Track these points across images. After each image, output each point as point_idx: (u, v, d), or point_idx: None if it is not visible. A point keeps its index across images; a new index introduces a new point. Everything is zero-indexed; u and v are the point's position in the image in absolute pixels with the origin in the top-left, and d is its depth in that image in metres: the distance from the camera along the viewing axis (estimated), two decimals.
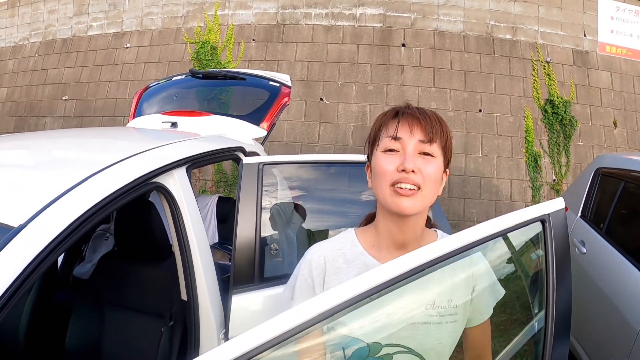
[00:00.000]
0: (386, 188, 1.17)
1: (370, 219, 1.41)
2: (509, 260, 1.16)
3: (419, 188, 1.15)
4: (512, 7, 8.73)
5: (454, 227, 7.19)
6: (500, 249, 1.10)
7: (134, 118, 4.15)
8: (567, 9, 8.99)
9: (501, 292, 1.17)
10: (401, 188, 1.14)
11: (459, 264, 0.98)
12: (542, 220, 1.05)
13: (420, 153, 1.18)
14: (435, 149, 1.19)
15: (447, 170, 1.28)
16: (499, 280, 1.17)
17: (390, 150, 1.19)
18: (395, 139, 1.18)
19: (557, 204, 1.09)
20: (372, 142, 1.27)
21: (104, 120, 8.94)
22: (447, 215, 7.34)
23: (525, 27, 8.72)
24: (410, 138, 1.17)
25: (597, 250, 3.46)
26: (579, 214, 3.99)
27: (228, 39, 8.46)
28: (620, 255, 3.08)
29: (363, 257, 1.28)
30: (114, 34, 9.52)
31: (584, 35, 9.01)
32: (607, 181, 3.89)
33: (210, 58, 8.38)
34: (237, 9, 8.66)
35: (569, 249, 1.10)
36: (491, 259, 1.13)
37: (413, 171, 1.14)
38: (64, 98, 9.50)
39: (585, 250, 3.55)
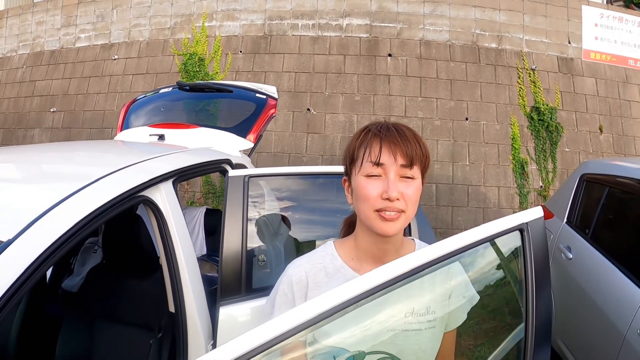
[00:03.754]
0: (370, 212, 1.18)
1: (348, 225, 1.43)
2: (488, 269, 1.16)
3: (403, 212, 1.17)
4: (497, 15, 8.82)
5: (442, 235, 7.22)
6: (479, 258, 1.10)
7: (121, 130, 4.14)
8: (551, 17, 9.09)
9: (476, 297, 1.18)
10: (385, 215, 1.16)
11: (437, 273, 0.99)
12: (521, 229, 1.06)
13: (401, 177, 1.19)
14: (415, 171, 1.21)
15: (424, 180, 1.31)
16: (478, 289, 1.18)
17: (373, 175, 1.19)
18: (378, 164, 1.18)
19: (535, 212, 1.09)
20: (352, 160, 1.27)
21: (92, 132, 8.91)
22: (435, 223, 7.37)
23: (511, 35, 8.80)
24: (393, 164, 1.18)
25: (583, 255, 3.48)
26: (565, 220, 4.02)
27: (215, 51, 8.48)
28: (606, 260, 3.10)
29: (344, 270, 1.29)
30: (101, 46, 9.51)
31: (569, 43, 9.11)
32: (592, 187, 3.92)
33: (197, 69, 8.38)
34: (224, 20, 8.68)
35: (549, 258, 1.11)
36: (470, 267, 1.13)
37: (397, 199, 1.16)
38: (52, 110, 9.47)
39: (571, 256, 3.57)
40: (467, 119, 8.03)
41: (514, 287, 1.15)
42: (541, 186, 8.27)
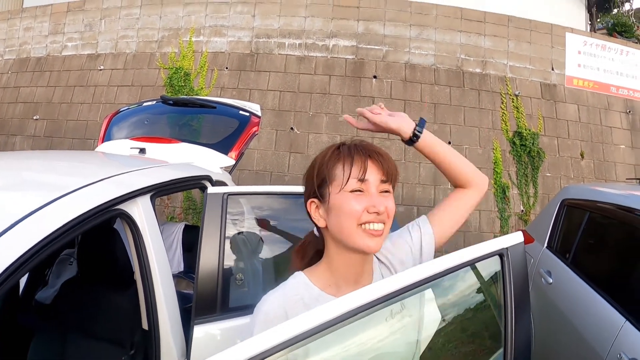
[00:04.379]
0: (354, 228, 1.18)
1: (303, 253, 1.41)
2: (468, 293, 1.15)
3: (384, 224, 1.20)
4: (482, 41, 8.93)
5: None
6: (459, 282, 1.10)
7: (103, 142, 4.09)
8: (536, 44, 9.21)
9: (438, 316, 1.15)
10: (370, 229, 1.17)
11: (413, 298, 0.99)
12: (501, 254, 1.06)
13: (381, 191, 1.22)
14: (391, 186, 1.25)
15: None
16: (457, 312, 1.17)
17: (358, 190, 1.20)
18: (363, 180, 1.19)
19: (515, 237, 1.09)
20: (326, 180, 1.25)
21: (74, 142, 8.83)
22: None
23: (495, 61, 8.90)
24: (375, 179, 1.21)
25: (563, 280, 3.49)
26: (545, 245, 4.02)
27: (202, 66, 8.46)
28: (586, 285, 3.12)
29: (322, 298, 1.26)
30: (88, 55, 9.46)
31: (552, 69, 9.23)
32: (572, 212, 3.94)
33: (183, 84, 8.36)
34: (211, 36, 8.69)
35: (528, 283, 1.13)
36: (449, 291, 1.12)
37: (383, 212, 1.18)
38: (35, 117, 9.36)
39: (551, 281, 3.59)
40: (450, 142, 8.03)
41: (494, 311, 1.15)
42: (522, 210, 8.32)
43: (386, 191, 1.23)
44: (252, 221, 2.60)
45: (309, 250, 1.39)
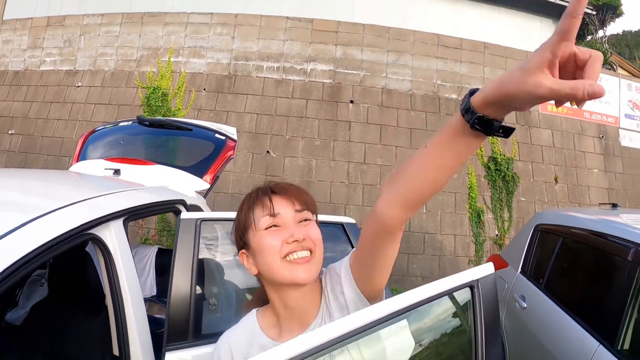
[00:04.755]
0: (278, 262, 1.17)
1: (257, 299, 1.41)
2: (439, 325, 1.14)
3: (311, 252, 1.19)
4: (458, 67, 9.04)
5: (397, 282, 7.27)
6: (428, 314, 1.09)
7: (77, 161, 4.05)
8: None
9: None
10: (295, 258, 1.16)
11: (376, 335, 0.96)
12: (471, 285, 1.06)
13: (299, 221, 1.21)
14: (310, 213, 1.24)
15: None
16: (427, 344, 1.14)
17: (272, 226, 1.20)
18: (274, 215, 1.19)
19: (485, 269, 1.09)
20: (244, 228, 1.26)
21: (49, 159, 8.73)
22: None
23: (471, 86, 8.85)
24: (288, 210, 1.20)
25: (537, 304, 3.54)
26: (519, 270, 4.05)
27: (179, 87, 8.44)
28: (560, 309, 3.16)
29: (262, 339, 1.27)
30: (66, 72, 9.38)
31: None
32: (546, 237, 3.98)
33: (160, 104, 8.31)
34: (190, 57, 8.69)
35: (499, 315, 1.13)
36: (419, 323, 1.10)
37: (304, 239, 1.17)
38: (10, 132, 9.22)
39: (525, 305, 3.62)
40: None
41: (465, 343, 1.14)
42: (497, 235, 8.38)
43: (306, 219, 1.23)
44: (227, 246, 2.60)
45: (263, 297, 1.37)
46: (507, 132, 0.86)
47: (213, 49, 8.68)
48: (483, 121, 0.84)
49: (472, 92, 0.87)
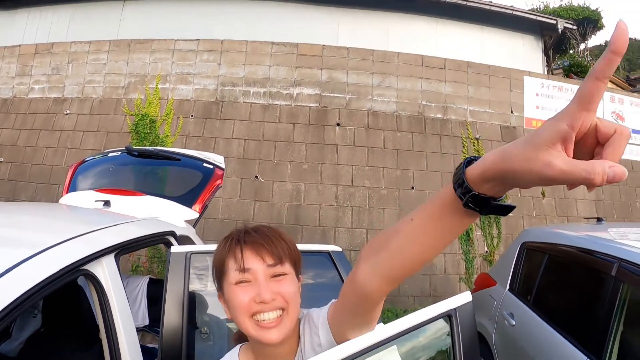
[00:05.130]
0: (247, 321, 1.14)
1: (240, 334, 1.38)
2: (418, 354, 1.15)
3: (283, 309, 1.15)
4: (442, 87, 9.11)
5: (389, 302, 7.30)
6: (408, 343, 1.09)
7: (67, 192, 4.11)
8: (495, 88, 9.43)
9: None
10: (264, 321, 1.13)
11: None
12: (449, 315, 1.08)
13: (272, 276, 1.17)
14: (286, 267, 1.19)
15: (301, 276, 1.29)
16: None
17: (242, 281, 1.16)
18: (244, 270, 1.15)
19: (463, 298, 1.11)
20: (220, 273, 1.23)
21: (38, 187, 8.69)
22: None
23: (456, 106, 9.09)
24: (259, 266, 1.16)
25: (525, 321, 3.57)
26: (508, 287, 4.12)
27: (167, 113, 8.46)
28: (548, 326, 3.20)
29: None
30: (54, 99, 9.38)
31: (511, 112, 9.46)
32: (532, 255, 4.04)
33: (148, 131, 8.33)
34: (177, 83, 8.73)
35: (478, 342, 1.12)
36: (396, 358, 1.09)
37: (273, 299, 1.13)
38: None
39: (514, 322, 3.66)
40: (413, 187, 8.18)
41: None
42: (486, 251, 8.41)
43: (280, 274, 1.18)
44: None
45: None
46: (506, 211, 0.74)
47: (200, 75, 8.71)
48: (478, 200, 0.73)
49: (469, 161, 0.76)
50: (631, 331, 2.63)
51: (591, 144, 0.63)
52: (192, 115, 8.46)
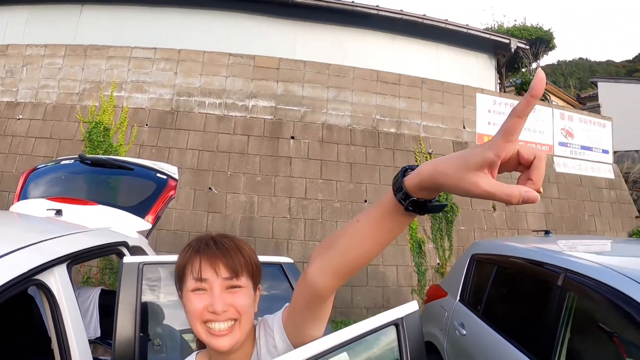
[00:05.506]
0: (199, 327, 1.19)
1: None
2: None
3: (235, 320, 1.20)
4: (396, 102, 9.24)
5: (343, 314, 7.37)
6: (356, 354, 1.11)
7: (19, 199, 4.04)
8: (448, 104, 9.63)
9: None
10: (214, 330, 1.18)
11: None
12: (396, 324, 1.10)
13: (227, 288, 1.21)
14: (242, 280, 1.23)
15: (260, 285, 1.35)
16: None
17: (198, 289, 1.21)
18: (200, 280, 1.20)
19: (410, 307, 1.13)
20: (180, 278, 1.27)
21: None
22: (335, 302, 7.46)
23: (409, 121, 9.23)
24: (216, 278, 1.20)
25: (475, 331, 3.65)
26: (458, 298, 4.22)
27: (122, 122, 8.33)
28: (497, 335, 3.28)
29: None
30: (7, 103, 9.14)
31: (464, 128, 9.67)
32: (482, 266, 4.15)
33: (102, 139, 8.19)
34: (133, 91, 8.61)
35: (425, 351, 1.15)
36: None
37: (225, 311, 1.18)
38: None
39: (464, 332, 3.74)
40: (366, 200, 8.26)
41: None
42: (438, 263, 8.55)
43: (235, 286, 1.22)
44: (171, 287, 2.64)
45: None
46: (440, 209, 0.89)
47: (156, 84, 8.62)
48: (417, 203, 0.86)
49: (405, 170, 0.89)
50: (578, 338, 2.72)
51: (513, 165, 0.76)
52: (146, 125, 8.35)
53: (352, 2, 10.73)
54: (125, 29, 10.10)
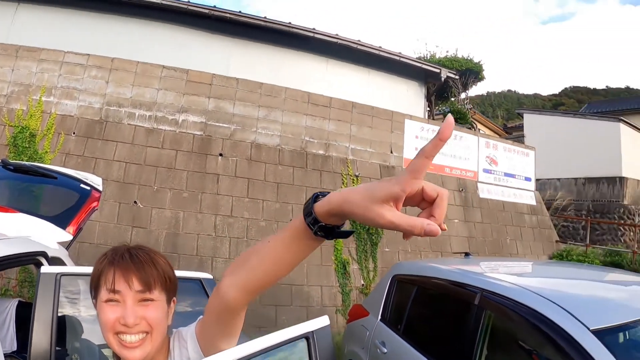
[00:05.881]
0: (112, 338, 1.20)
1: None
2: None
3: (147, 333, 1.22)
4: (326, 125, 9.45)
5: (266, 332, 7.47)
6: None
7: None
8: (377, 129, 9.90)
9: None
10: (125, 341, 1.19)
11: None
12: (307, 337, 1.11)
13: (140, 300, 1.22)
14: (155, 293, 1.24)
15: (174, 298, 1.36)
16: None
17: (111, 300, 1.22)
18: (114, 291, 1.20)
19: (321, 321, 1.15)
20: (94, 287, 1.27)
21: None
22: (259, 321, 7.45)
23: (338, 143, 9.44)
24: (128, 290, 1.21)
25: (396, 349, 3.78)
26: (379, 317, 4.33)
27: (49, 128, 8.08)
28: (417, 352, 3.41)
29: None
30: None
31: (391, 152, 9.99)
32: (403, 286, 4.28)
33: (27, 145, 7.94)
34: (62, 98, 8.38)
35: None
36: None
37: (136, 324, 1.19)
38: None
39: (385, 350, 3.86)
40: (291, 219, 8.37)
41: None
42: (363, 284, 8.72)
43: (148, 299, 1.24)
44: (90, 300, 2.66)
45: None
46: (347, 235, 0.93)
47: (86, 92, 8.43)
48: (325, 229, 0.89)
49: (316, 196, 0.92)
50: (494, 355, 2.88)
51: (417, 200, 0.80)
52: (74, 133, 8.14)
53: (290, 23, 10.87)
54: (60, 33, 9.81)
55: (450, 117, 0.74)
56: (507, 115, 46.95)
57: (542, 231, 12.93)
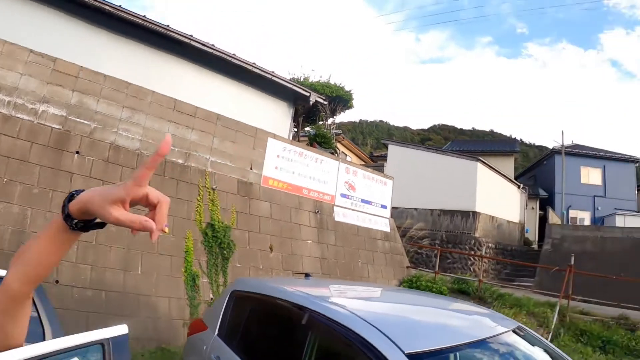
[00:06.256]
0: None
1: None
2: None
3: None
4: (188, 133, 10.49)
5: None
6: None
7: None
8: (239, 144, 11.13)
9: None
10: None
11: None
12: (102, 344, 1.28)
13: None
14: None
15: None
16: None
17: None
18: None
19: (119, 329, 1.32)
20: None
21: None
22: None
23: (198, 154, 10.47)
24: None
25: None
26: (217, 332, 4.83)
27: None
28: None
29: None
30: None
31: (251, 169, 11.29)
32: (240, 303, 4.81)
33: None
34: None
35: None
36: None
37: None
38: None
39: None
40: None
41: None
42: (212, 298, 9.63)
43: None
44: None
45: None
46: (100, 226, 1.20)
47: None
48: (79, 224, 1.18)
49: (71, 195, 1.20)
50: None
51: (144, 203, 1.14)
52: None
53: (168, 26, 11.76)
54: None
55: (168, 137, 1.07)
56: (376, 144, 52.56)
57: (394, 257, 14.96)
